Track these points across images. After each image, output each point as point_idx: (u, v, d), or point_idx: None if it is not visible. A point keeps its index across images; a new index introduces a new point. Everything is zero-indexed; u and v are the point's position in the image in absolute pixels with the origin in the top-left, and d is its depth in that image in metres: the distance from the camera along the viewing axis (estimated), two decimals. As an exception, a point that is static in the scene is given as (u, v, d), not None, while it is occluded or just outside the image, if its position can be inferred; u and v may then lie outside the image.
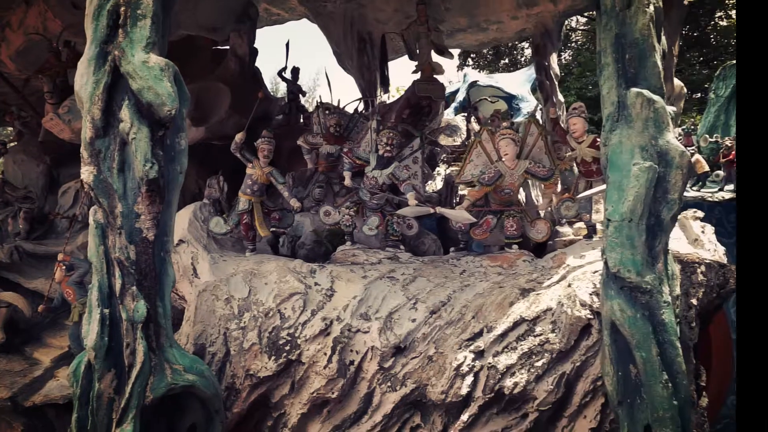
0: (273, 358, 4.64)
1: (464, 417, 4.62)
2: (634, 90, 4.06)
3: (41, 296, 8.45)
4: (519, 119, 11.74)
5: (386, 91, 10.16)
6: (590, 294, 4.68)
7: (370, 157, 6.28)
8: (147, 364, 3.74)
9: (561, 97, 10.34)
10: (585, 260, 5.30)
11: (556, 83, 10.07)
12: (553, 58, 10.07)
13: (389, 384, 4.71)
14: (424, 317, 5.00)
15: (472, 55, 30.27)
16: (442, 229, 7.45)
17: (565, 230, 6.69)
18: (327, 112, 7.77)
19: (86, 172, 3.95)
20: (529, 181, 6.91)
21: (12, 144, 12.84)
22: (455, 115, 13.42)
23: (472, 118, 11.92)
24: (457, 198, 7.82)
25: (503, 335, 4.79)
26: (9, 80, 12.33)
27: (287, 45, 10.14)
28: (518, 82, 14.77)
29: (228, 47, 9.75)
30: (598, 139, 5.08)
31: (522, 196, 6.62)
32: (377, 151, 6.34)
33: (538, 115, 12.38)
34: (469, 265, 5.86)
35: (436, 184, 9.91)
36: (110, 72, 4.02)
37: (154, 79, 3.95)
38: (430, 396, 4.68)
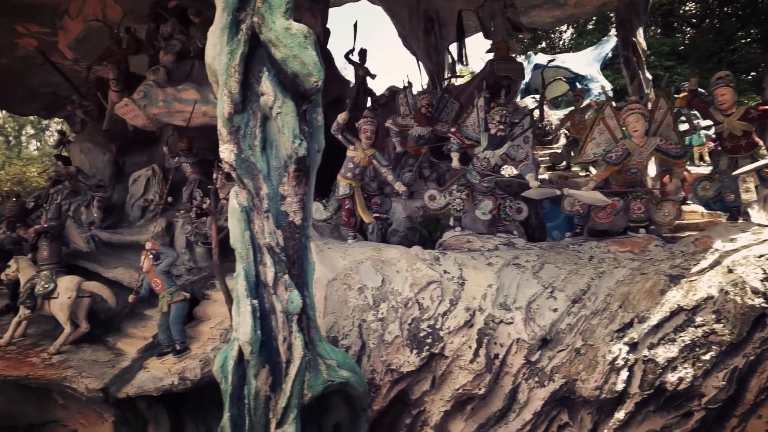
0: (415, 351, 4.30)
1: (619, 415, 4.22)
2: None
3: (120, 286, 8.31)
4: (588, 100, 11.12)
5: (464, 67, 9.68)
6: (761, 281, 4.21)
7: (481, 136, 5.86)
8: (305, 360, 3.42)
9: (648, 75, 9.70)
10: (738, 243, 4.81)
11: (644, 59, 9.44)
12: (640, 33, 9.44)
13: (536, 379, 4.33)
14: (566, 306, 4.60)
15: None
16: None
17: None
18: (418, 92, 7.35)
19: (226, 151, 3.61)
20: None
21: (71, 134, 12.80)
22: (521, 98, 12.87)
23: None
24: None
25: (658, 326, 4.37)
26: (60, 69, 12.25)
27: (355, 26, 9.73)
28: (585, 62, 14.11)
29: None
30: (752, 111, 4.57)
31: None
32: (487, 130, 5.91)
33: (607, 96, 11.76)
34: (595, 251, 5.42)
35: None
36: (247, 41, 3.65)
37: (299, 47, 3.57)
38: (581, 392, 4.29)
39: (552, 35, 30.16)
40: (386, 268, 4.83)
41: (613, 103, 5.84)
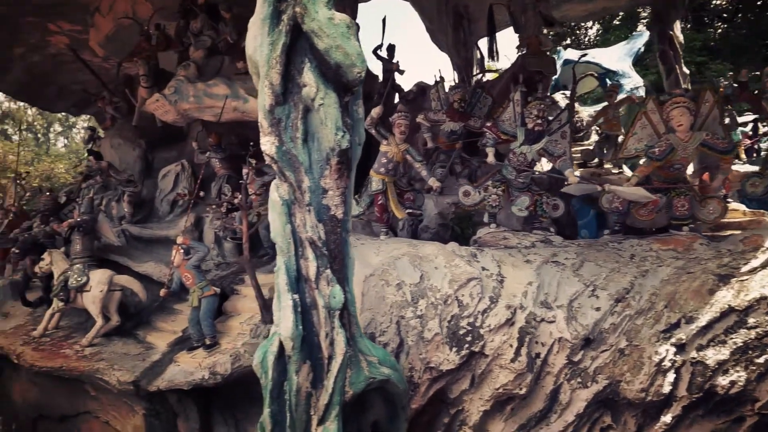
0: (455, 349, 4.21)
1: (666, 418, 4.08)
2: None
3: (149, 280, 8.39)
4: (621, 96, 10.83)
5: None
6: (819, 281, 4.02)
7: (517, 131, 5.72)
8: (347, 356, 3.36)
9: (685, 69, 9.41)
10: (792, 243, 4.61)
11: (681, 53, 9.15)
12: (677, 26, 9.15)
13: (579, 380, 4.20)
14: (608, 306, 4.45)
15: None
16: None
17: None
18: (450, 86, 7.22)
19: (267, 143, 3.56)
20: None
21: (100, 130, 12.98)
22: (550, 93, 12.60)
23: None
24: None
25: (707, 327, 4.21)
26: (90, 67, 12.42)
27: (383, 21, 9.63)
28: (617, 57, 13.78)
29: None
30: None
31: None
32: (524, 124, 5.77)
33: (642, 92, 11.48)
34: (636, 249, 5.25)
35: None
36: (288, 32, 3.60)
37: (342, 37, 3.51)
38: (626, 394, 4.15)
39: (577, 31, 29.60)
40: (424, 264, 4.74)
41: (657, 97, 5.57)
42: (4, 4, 11.26)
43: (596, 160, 9.19)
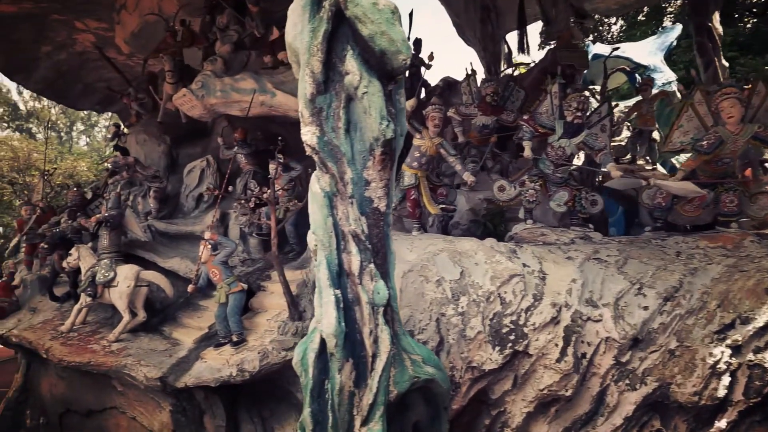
0: (497, 348, 4.05)
1: (720, 424, 3.87)
2: None
3: (175, 276, 8.36)
4: (653, 92, 10.51)
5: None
6: None
7: (556, 124, 5.53)
8: (392, 354, 3.23)
9: (725, 62, 9.09)
10: None
11: (720, 45, 8.83)
12: (716, 17, 8.84)
13: (627, 381, 4.02)
14: (657, 305, 4.25)
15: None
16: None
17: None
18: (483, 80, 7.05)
19: (308, 133, 3.44)
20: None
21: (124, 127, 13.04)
22: (579, 88, 12.34)
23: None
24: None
25: (765, 328, 3.98)
26: (115, 64, 12.51)
27: (410, 16, 9.48)
28: (648, 52, 13.41)
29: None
30: None
31: None
32: (562, 117, 5.58)
33: (674, 87, 11.14)
34: (681, 246, 5.03)
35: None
36: (330, 18, 3.47)
37: (387, 23, 3.37)
38: (677, 397, 3.95)
39: (600, 27, 29.05)
40: (464, 260, 4.58)
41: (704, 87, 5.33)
42: (33, 2, 11.37)
43: (629, 156, 8.93)
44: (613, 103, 7.51)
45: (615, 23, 26.71)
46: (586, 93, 5.92)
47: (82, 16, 12.39)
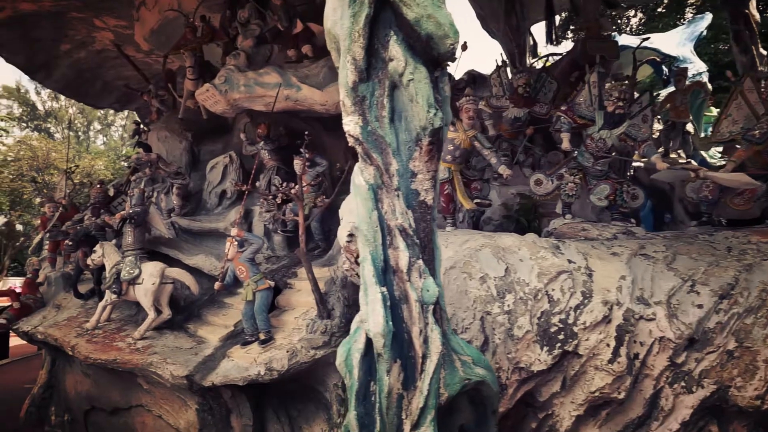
0: (546, 348, 3.87)
1: (784, 429, 3.65)
2: None
3: (199, 273, 8.28)
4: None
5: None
6: None
7: (596, 115, 5.32)
8: (442, 355, 3.07)
9: (763, 51, 8.76)
10: None
11: (757, 33, 8.51)
12: (752, 4, 8.52)
13: (683, 384, 3.81)
14: (712, 303, 4.03)
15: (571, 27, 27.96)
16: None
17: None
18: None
19: (351, 123, 3.29)
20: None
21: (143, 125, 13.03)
22: (604, 80, 12.04)
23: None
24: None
25: (831, 328, 3.75)
26: (133, 62, 12.49)
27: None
28: (677, 42, 13.04)
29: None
30: None
31: None
32: (602, 107, 5.36)
33: (705, 78, 10.81)
34: (732, 242, 4.79)
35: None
36: (372, 2, 3.30)
37: (433, 5, 3.20)
38: (737, 401, 3.74)
39: (619, 20, 28.46)
40: (508, 256, 4.40)
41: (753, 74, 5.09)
42: (52, 0, 11.38)
43: (661, 149, 8.66)
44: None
45: (634, 16, 26.14)
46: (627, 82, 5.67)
47: (101, 13, 12.39)
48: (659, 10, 22.97)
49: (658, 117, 9.64)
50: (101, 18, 12.58)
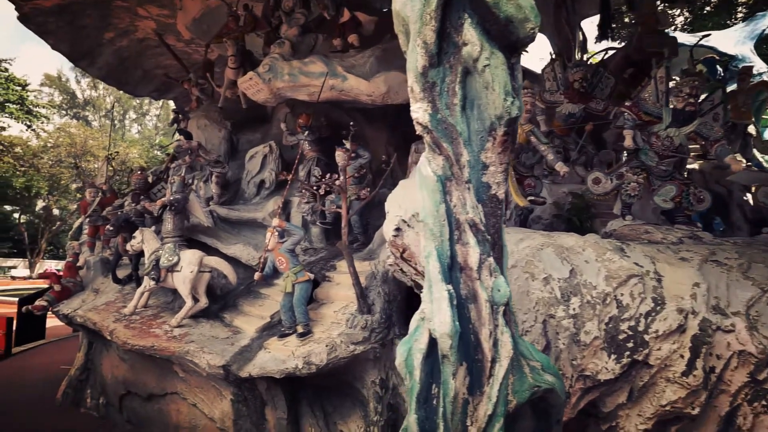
0: (614, 356, 3.63)
1: None
2: None
3: (237, 262, 8.24)
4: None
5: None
6: None
7: (663, 112, 5.01)
8: (512, 359, 2.88)
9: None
10: None
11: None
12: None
13: (764, 402, 3.52)
14: (796, 317, 3.72)
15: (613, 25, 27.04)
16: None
17: None
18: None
19: (419, 110, 3.10)
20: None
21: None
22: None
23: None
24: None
25: None
26: (173, 51, 12.56)
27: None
28: (735, 40, 12.45)
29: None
30: None
31: None
32: (668, 104, 5.05)
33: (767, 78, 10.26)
34: (811, 251, 4.44)
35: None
36: (445, -17, 3.11)
37: (514, -13, 2.98)
38: (825, 425, 3.43)
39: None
40: (572, 257, 4.15)
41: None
42: (99, -13, 11.50)
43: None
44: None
45: (679, 15, 25.24)
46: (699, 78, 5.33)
47: (144, 2, 12.49)
48: (707, 9, 22.08)
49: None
50: (144, 7, 12.68)
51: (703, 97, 5.53)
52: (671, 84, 5.82)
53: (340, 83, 7.27)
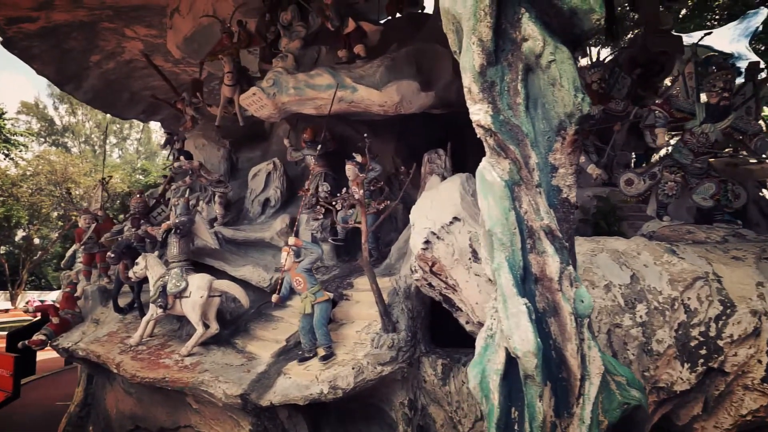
0: (687, 365, 3.41)
1: None
2: None
3: (245, 284, 7.89)
4: (739, 81, 9.71)
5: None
6: None
7: (696, 108, 4.90)
8: (603, 377, 2.64)
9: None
10: None
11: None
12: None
13: None
14: None
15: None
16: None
17: None
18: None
19: (479, 112, 2.89)
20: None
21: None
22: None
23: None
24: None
25: None
26: (161, 71, 12.28)
27: None
28: (730, 38, 12.57)
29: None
30: None
31: None
32: (699, 99, 4.94)
33: (766, 74, 10.32)
34: None
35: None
36: (499, -24, 2.93)
37: (578, -24, 2.81)
38: None
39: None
40: (630, 261, 3.95)
41: None
42: (86, 10, 11.22)
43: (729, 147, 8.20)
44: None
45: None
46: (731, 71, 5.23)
47: (132, 23, 12.24)
48: (684, 12, 22.48)
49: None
50: (132, 27, 12.43)
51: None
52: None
53: (349, 94, 7.05)
